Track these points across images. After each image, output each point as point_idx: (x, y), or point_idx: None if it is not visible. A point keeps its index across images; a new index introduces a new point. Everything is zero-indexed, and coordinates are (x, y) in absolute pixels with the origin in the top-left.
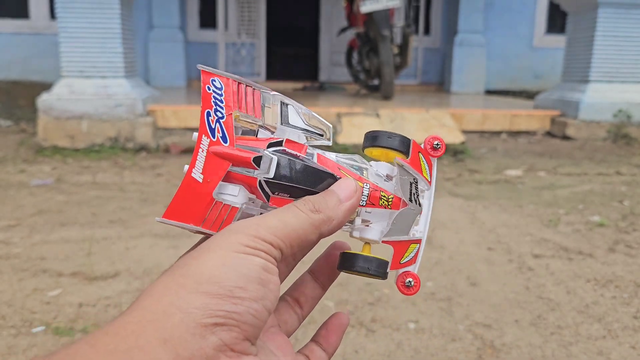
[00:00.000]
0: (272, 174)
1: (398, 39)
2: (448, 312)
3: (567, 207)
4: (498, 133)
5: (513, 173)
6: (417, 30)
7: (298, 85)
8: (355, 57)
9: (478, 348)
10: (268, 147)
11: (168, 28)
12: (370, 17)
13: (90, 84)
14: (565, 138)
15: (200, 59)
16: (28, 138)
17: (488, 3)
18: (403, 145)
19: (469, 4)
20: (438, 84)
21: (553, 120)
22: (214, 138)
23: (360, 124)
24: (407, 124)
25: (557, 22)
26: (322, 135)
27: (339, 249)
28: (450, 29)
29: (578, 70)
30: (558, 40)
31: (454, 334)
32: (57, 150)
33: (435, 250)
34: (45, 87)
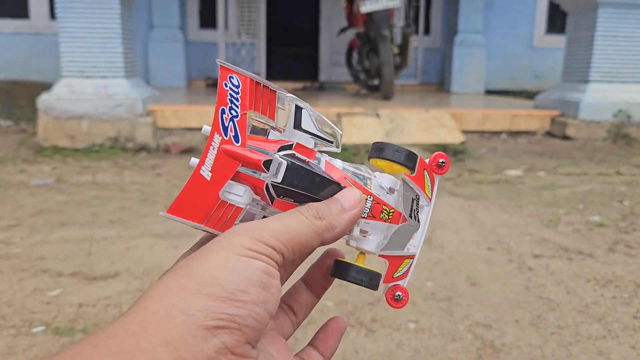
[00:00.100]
0: (279, 179)
1: (398, 39)
2: (448, 312)
3: (567, 207)
4: (498, 133)
5: (513, 173)
6: (417, 30)
7: (298, 85)
8: (355, 57)
9: (478, 348)
10: (278, 150)
11: (168, 28)
12: (370, 17)
13: (90, 84)
14: (565, 138)
15: (200, 59)
16: (28, 138)
17: (488, 3)
18: (410, 161)
19: (469, 4)
20: (438, 84)
21: (553, 120)
22: (226, 136)
23: (360, 124)
24: (407, 124)
25: (557, 22)
26: (331, 142)
27: (332, 257)
28: (450, 29)
29: (578, 70)
30: (558, 40)
31: (454, 334)
32: (57, 150)
33: (435, 250)
34: (45, 87)
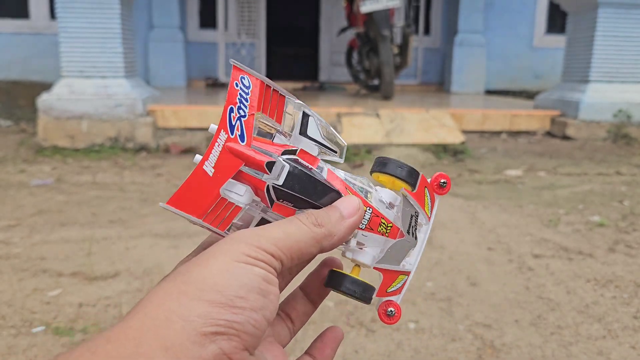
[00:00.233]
0: (281, 181)
1: (398, 39)
2: (448, 312)
3: (567, 207)
4: (498, 133)
5: (513, 173)
6: (417, 30)
7: (298, 85)
8: (355, 57)
9: (478, 348)
10: (282, 154)
11: (168, 28)
12: (370, 17)
13: (90, 84)
14: (565, 138)
15: (200, 59)
16: (28, 138)
17: (488, 3)
18: (411, 178)
19: (469, 4)
20: (438, 84)
21: (553, 120)
22: (232, 135)
23: (360, 124)
24: (407, 124)
25: (557, 22)
26: (335, 152)
27: (330, 266)
28: (450, 29)
29: (578, 70)
30: (558, 40)
31: (454, 334)
32: (57, 150)
33: (435, 250)
34: (45, 87)
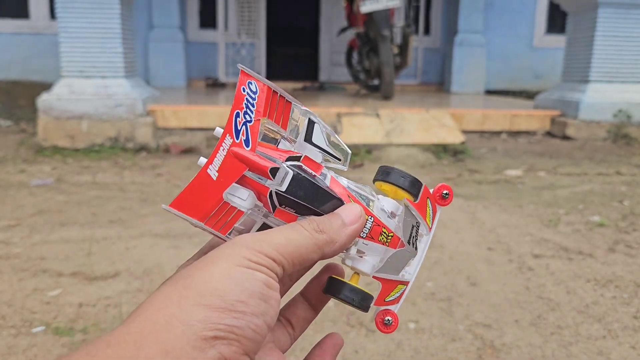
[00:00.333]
0: (284, 188)
1: (398, 39)
2: (448, 312)
3: (567, 207)
4: (498, 133)
5: (513, 173)
6: (417, 30)
7: (298, 85)
8: (355, 57)
9: (478, 348)
10: (286, 160)
11: (168, 28)
12: (370, 17)
13: (90, 84)
14: (565, 138)
15: (200, 59)
16: (28, 138)
17: (488, 3)
18: (414, 188)
19: (469, 4)
20: (438, 84)
21: (553, 120)
22: (237, 139)
23: (360, 124)
24: (407, 124)
25: (557, 22)
26: (339, 160)
27: (332, 272)
28: (450, 29)
29: (578, 70)
30: (558, 40)
31: (454, 334)
32: (57, 150)
33: (435, 250)
34: (45, 87)
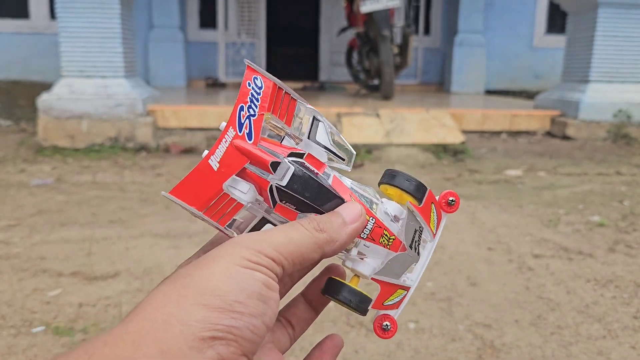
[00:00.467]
0: (285, 182)
1: (398, 39)
2: (448, 312)
3: (567, 207)
4: (498, 133)
5: (513, 173)
6: (417, 30)
7: (298, 85)
8: (355, 57)
9: (478, 348)
10: (289, 156)
11: (168, 28)
12: (370, 17)
13: (90, 84)
14: (565, 138)
15: (200, 59)
16: (28, 138)
17: (488, 3)
18: (418, 192)
19: (469, 4)
20: (438, 84)
21: (553, 120)
22: (240, 132)
23: (360, 124)
24: (407, 124)
25: (557, 22)
26: (343, 160)
27: (333, 273)
28: (450, 29)
29: (578, 70)
30: (558, 40)
31: (454, 334)
32: (57, 150)
33: (436, 251)
34: (45, 87)
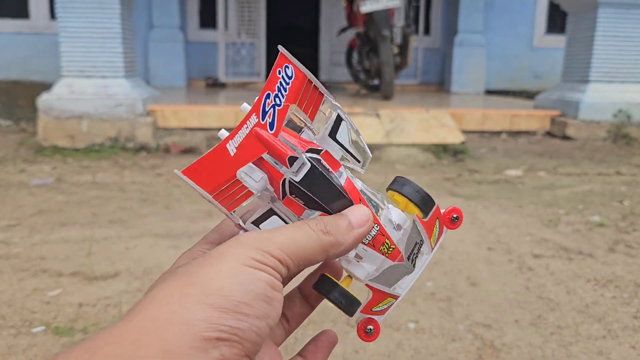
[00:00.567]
0: (299, 178)
1: (398, 39)
2: (448, 312)
3: (567, 207)
4: (498, 133)
5: (513, 173)
6: (417, 30)
7: None
8: (355, 57)
9: (478, 348)
10: (307, 151)
11: (168, 28)
12: (370, 17)
13: (90, 84)
14: (565, 138)
15: (200, 59)
16: (28, 138)
17: (488, 3)
18: (426, 205)
19: (469, 4)
20: (438, 84)
21: (553, 120)
22: (263, 120)
23: (361, 124)
24: (407, 124)
25: (557, 22)
26: (359, 162)
27: (329, 269)
28: (450, 29)
29: (578, 70)
30: (558, 40)
31: (454, 334)
32: (57, 150)
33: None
34: (45, 87)
